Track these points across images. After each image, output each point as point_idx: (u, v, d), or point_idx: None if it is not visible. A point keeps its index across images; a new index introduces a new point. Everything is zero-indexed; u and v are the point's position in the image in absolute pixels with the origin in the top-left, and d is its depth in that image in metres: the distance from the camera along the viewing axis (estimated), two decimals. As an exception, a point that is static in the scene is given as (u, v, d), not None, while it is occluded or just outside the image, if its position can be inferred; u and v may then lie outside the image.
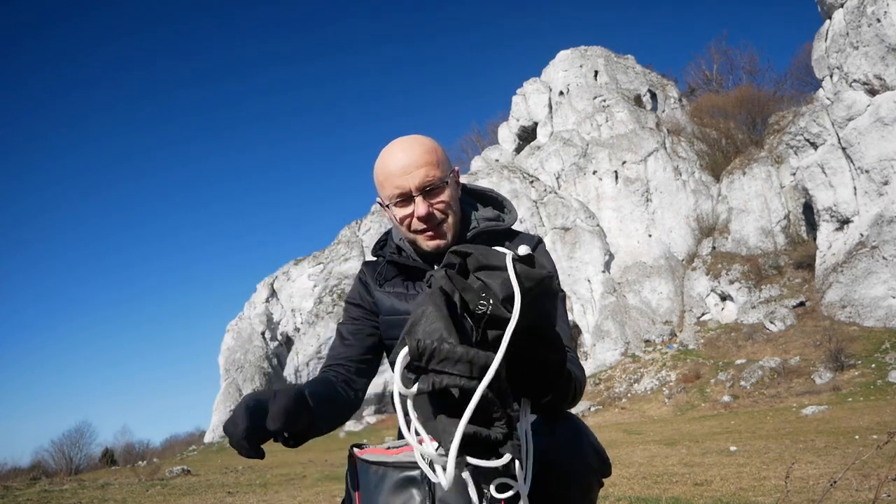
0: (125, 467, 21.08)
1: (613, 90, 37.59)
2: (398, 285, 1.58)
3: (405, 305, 1.54)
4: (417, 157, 1.43)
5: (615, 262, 32.34)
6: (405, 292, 1.56)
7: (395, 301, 1.56)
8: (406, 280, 1.58)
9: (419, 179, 1.42)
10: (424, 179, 1.42)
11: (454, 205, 1.49)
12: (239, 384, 37.97)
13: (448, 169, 1.48)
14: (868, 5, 23.31)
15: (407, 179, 1.42)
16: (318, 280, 40.19)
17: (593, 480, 1.26)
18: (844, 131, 24.27)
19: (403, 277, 1.58)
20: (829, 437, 9.44)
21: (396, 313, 1.55)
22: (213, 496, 7.80)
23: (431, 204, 1.45)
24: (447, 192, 1.46)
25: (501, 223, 1.57)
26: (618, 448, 11.21)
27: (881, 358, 19.80)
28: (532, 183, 34.61)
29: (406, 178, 1.42)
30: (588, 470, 1.24)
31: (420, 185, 1.42)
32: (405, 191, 1.43)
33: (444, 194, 1.46)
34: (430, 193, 1.44)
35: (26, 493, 9.20)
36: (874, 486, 4.52)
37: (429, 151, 1.44)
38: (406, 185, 1.43)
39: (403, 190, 1.43)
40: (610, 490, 5.65)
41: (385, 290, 1.58)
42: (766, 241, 30.33)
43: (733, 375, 22.76)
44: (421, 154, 1.43)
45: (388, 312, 1.56)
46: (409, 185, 1.42)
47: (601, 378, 27.05)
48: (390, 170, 1.44)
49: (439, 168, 1.44)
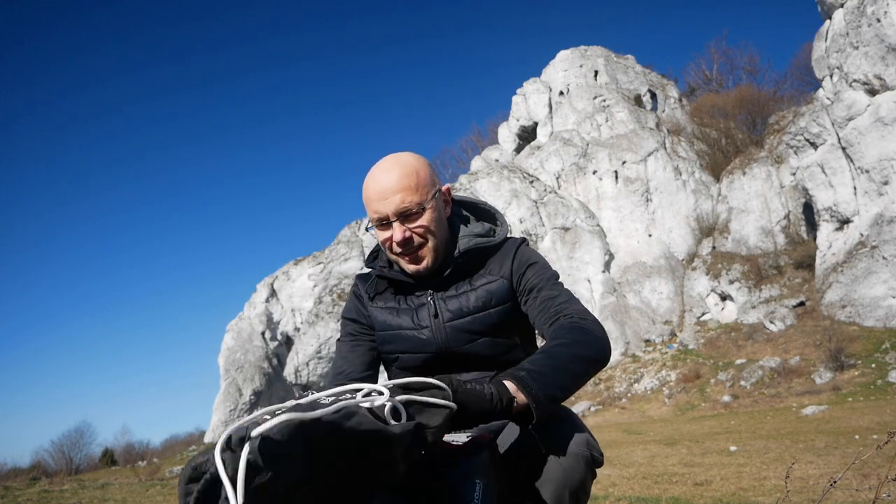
0: (125, 467, 21.08)
1: (613, 90, 37.59)
2: (390, 299, 1.59)
3: (397, 320, 1.55)
4: (395, 183, 1.43)
5: (615, 262, 32.34)
6: (397, 306, 1.57)
7: (387, 316, 1.57)
8: (397, 294, 1.59)
9: (394, 206, 1.43)
10: (400, 206, 1.43)
11: (436, 227, 1.48)
12: (239, 384, 37.96)
13: (429, 191, 1.47)
14: (868, 5, 23.31)
15: (384, 205, 1.44)
16: (318, 280, 40.19)
17: (586, 472, 1.27)
18: (844, 131, 24.27)
19: (395, 291, 1.59)
20: (829, 437, 9.43)
21: (389, 328, 1.57)
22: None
23: (409, 228, 1.45)
24: (426, 216, 1.46)
25: (492, 238, 1.56)
26: (618, 448, 11.21)
27: (881, 358, 19.80)
28: (532, 183, 34.61)
29: (383, 204, 1.44)
30: (581, 461, 1.26)
31: (396, 211, 1.43)
32: (382, 216, 1.45)
33: (423, 219, 1.45)
34: (408, 218, 1.45)
35: (26, 493, 9.20)
36: (874, 486, 4.52)
37: (408, 175, 1.44)
38: (383, 211, 1.44)
39: (381, 215, 1.45)
40: (610, 490, 5.65)
41: (377, 304, 1.60)
42: (766, 241, 30.33)
43: (733, 375, 22.76)
44: (399, 178, 1.43)
45: (381, 328, 1.58)
46: (385, 211, 1.44)
47: (601, 378, 27.05)
48: (369, 194, 1.46)
49: (418, 192, 1.44)
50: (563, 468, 1.24)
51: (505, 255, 1.54)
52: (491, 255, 1.55)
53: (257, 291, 42.39)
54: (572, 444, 1.26)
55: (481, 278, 1.52)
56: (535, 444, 1.27)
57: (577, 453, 1.25)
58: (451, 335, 1.49)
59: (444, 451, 1.16)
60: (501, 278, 1.51)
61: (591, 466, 1.28)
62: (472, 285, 1.52)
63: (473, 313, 1.49)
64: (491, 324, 1.49)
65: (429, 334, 1.51)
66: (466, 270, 1.53)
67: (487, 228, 1.60)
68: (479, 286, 1.51)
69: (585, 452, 1.26)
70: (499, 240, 1.57)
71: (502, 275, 1.51)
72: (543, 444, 1.26)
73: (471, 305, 1.49)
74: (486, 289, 1.50)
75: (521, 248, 1.57)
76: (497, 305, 1.49)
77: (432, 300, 1.52)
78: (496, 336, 1.50)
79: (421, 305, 1.53)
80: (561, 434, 1.27)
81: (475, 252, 1.53)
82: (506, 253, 1.55)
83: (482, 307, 1.49)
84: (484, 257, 1.55)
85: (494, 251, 1.56)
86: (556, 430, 1.28)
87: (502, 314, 1.49)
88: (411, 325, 1.53)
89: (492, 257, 1.55)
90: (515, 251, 1.55)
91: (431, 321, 1.51)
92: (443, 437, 1.02)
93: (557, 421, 1.30)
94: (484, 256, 1.55)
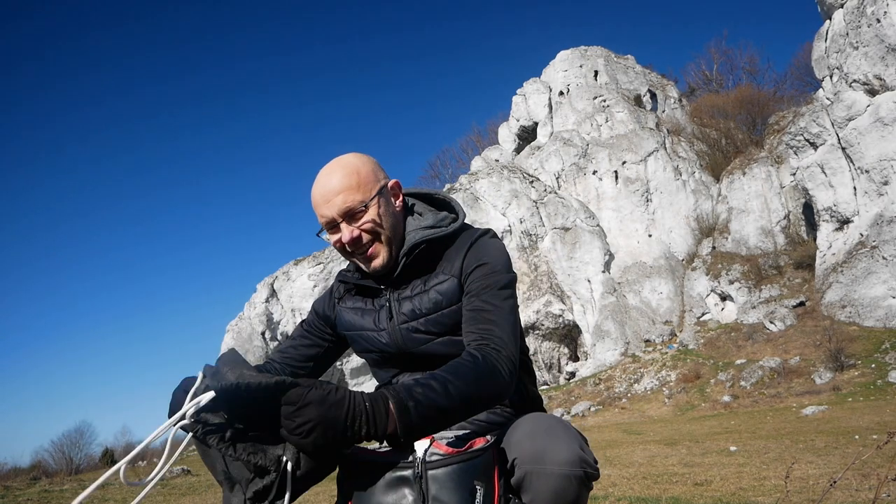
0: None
1: (613, 90, 37.60)
2: (357, 300, 1.60)
3: (361, 321, 1.57)
4: (336, 185, 1.44)
5: (615, 262, 32.34)
6: (363, 307, 1.58)
7: (353, 316, 1.59)
8: (363, 296, 1.60)
9: (338, 207, 1.43)
10: (343, 206, 1.43)
11: (384, 221, 1.47)
12: (239, 384, 37.96)
13: (372, 188, 1.46)
14: (868, 5, 23.31)
15: (328, 208, 1.44)
16: (318, 280, 40.20)
17: (579, 485, 1.24)
18: (844, 131, 24.27)
19: (360, 293, 1.61)
20: (829, 437, 9.44)
21: (353, 328, 1.59)
22: (214, 496, 7.80)
23: (357, 227, 1.45)
24: (371, 212, 1.45)
25: (441, 229, 1.52)
26: (618, 448, 11.21)
27: (881, 358, 19.81)
28: (532, 183, 34.61)
29: (327, 207, 1.44)
30: (573, 474, 1.22)
31: (340, 212, 1.44)
32: (329, 220, 1.46)
33: (368, 215, 1.45)
34: (353, 218, 1.45)
35: (26, 492, 9.20)
36: (874, 486, 4.53)
37: (348, 175, 1.44)
38: (329, 214, 1.45)
39: (328, 219, 1.46)
40: (610, 490, 5.66)
41: (345, 304, 1.62)
42: (766, 241, 30.33)
43: (733, 375, 22.76)
44: (339, 180, 1.44)
45: (347, 328, 1.61)
46: (331, 214, 1.45)
47: (601, 378, 27.05)
48: (315, 199, 1.47)
49: (360, 190, 1.44)
50: (554, 490, 1.21)
51: (458, 250, 1.50)
52: (445, 248, 1.52)
53: (257, 291, 42.40)
54: (564, 464, 1.21)
55: (434, 277, 1.49)
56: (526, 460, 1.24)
57: (569, 474, 1.21)
58: (406, 336, 1.49)
59: (444, 453, 1.15)
60: (452, 277, 1.47)
61: (584, 484, 1.24)
62: (425, 286, 1.49)
63: (426, 315, 1.47)
64: (445, 324, 1.46)
65: (387, 336, 1.51)
66: (419, 268, 1.51)
67: (440, 218, 1.56)
68: (430, 287, 1.48)
69: (578, 471, 1.22)
70: (450, 231, 1.52)
71: (453, 273, 1.47)
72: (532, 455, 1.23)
73: (423, 308, 1.47)
74: (437, 290, 1.47)
75: (477, 243, 1.51)
76: (449, 306, 1.46)
77: (388, 302, 1.53)
78: (453, 334, 1.47)
79: (382, 307, 1.54)
80: (553, 452, 1.22)
81: (424, 246, 1.50)
82: (459, 248, 1.50)
83: (434, 308, 1.46)
84: (436, 251, 1.51)
85: (448, 244, 1.52)
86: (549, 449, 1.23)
87: (455, 314, 1.46)
88: (372, 326, 1.54)
89: (446, 251, 1.51)
90: (469, 247, 1.49)
91: (387, 323, 1.51)
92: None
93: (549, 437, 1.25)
94: (436, 250, 1.51)
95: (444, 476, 1.13)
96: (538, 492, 1.22)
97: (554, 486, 1.21)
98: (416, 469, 1.12)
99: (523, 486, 1.24)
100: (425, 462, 1.13)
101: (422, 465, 1.12)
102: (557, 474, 1.21)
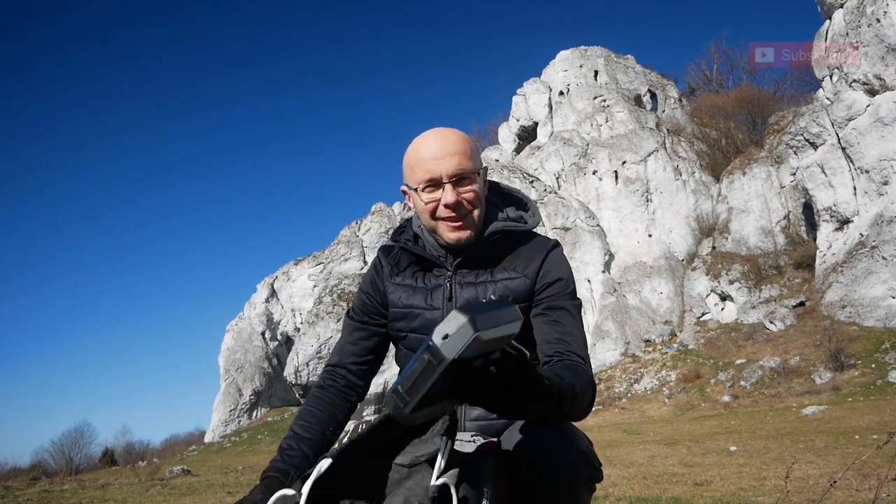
0: (125, 467, 21.06)
1: (613, 90, 37.59)
2: (408, 277, 1.56)
3: (410, 299, 1.52)
4: (451, 146, 1.43)
5: (615, 262, 32.34)
6: (414, 284, 1.53)
7: (402, 293, 1.54)
8: (417, 271, 1.55)
9: (451, 167, 1.41)
10: (457, 168, 1.42)
11: (482, 197, 1.48)
12: (239, 384, 37.96)
13: (479, 163, 1.48)
14: (868, 5, 23.31)
15: (439, 164, 1.42)
16: (318, 280, 40.18)
17: (582, 486, 1.24)
18: (844, 131, 24.28)
19: (416, 268, 1.56)
20: (829, 437, 9.44)
21: (401, 306, 1.54)
22: (213, 496, 7.80)
23: (460, 193, 1.43)
24: (478, 184, 1.45)
25: (522, 224, 1.54)
26: (618, 448, 11.21)
27: (881, 358, 19.81)
28: (532, 183, 34.61)
29: (438, 164, 1.42)
30: (576, 476, 1.22)
31: (451, 172, 1.42)
32: (436, 176, 1.42)
33: (475, 185, 1.45)
34: (460, 182, 1.43)
35: (26, 492, 9.20)
36: (874, 486, 4.53)
37: (463, 141, 1.45)
38: (437, 171, 1.42)
39: (434, 175, 1.42)
40: (610, 490, 5.66)
41: (395, 280, 1.57)
42: (766, 241, 30.33)
43: (733, 375, 22.76)
44: (455, 142, 1.43)
45: (394, 304, 1.55)
46: (440, 171, 1.42)
47: (601, 378, 27.05)
48: (423, 155, 1.44)
49: (471, 160, 1.44)
50: (558, 491, 1.21)
51: (533, 253, 1.50)
52: (518, 245, 1.51)
53: (257, 291, 42.40)
54: (569, 464, 1.21)
55: (504, 271, 1.48)
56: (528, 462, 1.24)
57: (574, 475, 1.21)
58: None
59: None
60: (524, 277, 1.46)
61: (589, 485, 1.25)
62: (492, 276, 1.48)
63: None
64: None
65: (439, 316, 1.46)
66: (491, 257, 1.50)
67: (518, 215, 1.57)
68: (499, 279, 1.47)
69: (583, 472, 1.22)
70: (529, 227, 1.54)
71: (526, 274, 1.47)
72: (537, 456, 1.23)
73: (487, 297, 1.46)
74: (505, 284, 1.46)
75: (553, 252, 1.51)
76: (514, 301, 1.43)
77: (449, 283, 1.49)
78: None
79: (437, 287, 1.50)
80: (555, 454, 1.22)
81: (503, 236, 1.50)
82: (535, 251, 1.50)
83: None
84: (510, 246, 1.51)
85: (523, 241, 1.53)
86: (551, 442, 1.23)
87: None
88: (423, 305, 1.50)
89: (518, 249, 1.51)
90: (547, 254, 1.50)
91: (444, 303, 1.48)
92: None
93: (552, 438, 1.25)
94: (511, 245, 1.51)
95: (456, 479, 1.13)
96: (542, 492, 1.22)
97: (558, 487, 1.21)
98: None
99: (528, 486, 1.24)
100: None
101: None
102: (562, 474, 1.21)
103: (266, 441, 30.50)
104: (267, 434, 32.01)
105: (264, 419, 36.42)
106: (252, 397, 37.80)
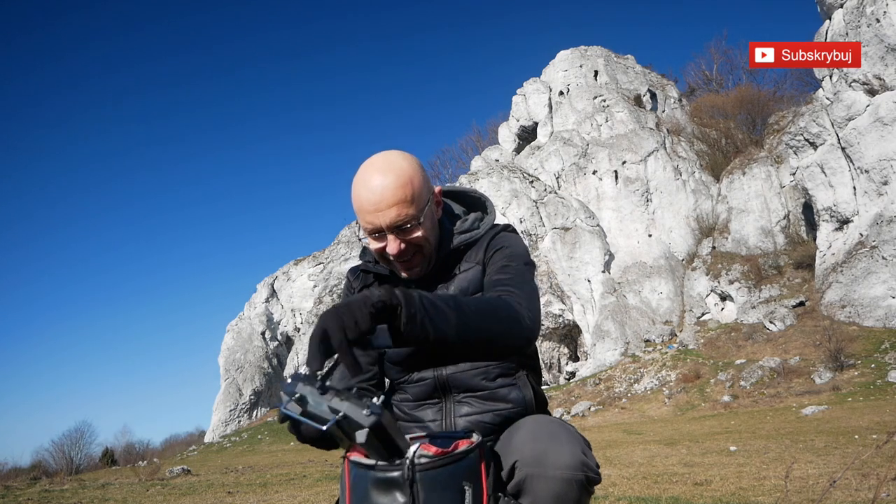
0: (125, 467, 21.06)
1: (613, 90, 37.60)
2: None
3: None
4: (389, 196, 1.35)
5: (615, 262, 32.35)
6: None
7: None
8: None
9: (391, 218, 1.37)
10: (395, 219, 1.37)
11: (432, 235, 1.45)
12: (239, 384, 37.98)
13: (424, 200, 1.41)
14: (868, 5, 23.32)
15: (378, 217, 1.37)
16: (318, 280, 40.21)
17: (579, 490, 1.23)
18: (844, 131, 24.29)
19: (381, 284, 1.55)
20: (828, 437, 9.45)
21: None
22: (213, 496, 7.80)
23: (404, 239, 1.41)
24: (421, 228, 1.41)
25: (476, 231, 1.53)
26: (617, 448, 11.22)
27: (881, 358, 19.82)
28: (532, 183, 34.62)
29: (377, 216, 1.37)
30: (573, 479, 1.21)
31: (391, 224, 1.38)
32: (377, 227, 1.39)
33: (418, 231, 1.41)
34: (402, 231, 1.40)
35: (27, 492, 9.20)
36: (874, 486, 4.53)
37: (403, 186, 1.36)
38: (378, 223, 1.38)
39: (375, 226, 1.39)
40: (610, 490, 5.66)
41: None
42: (766, 241, 30.34)
43: (733, 375, 22.77)
44: (394, 190, 1.36)
45: None
46: (380, 223, 1.38)
47: (601, 378, 27.06)
48: (362, 204, 1.39)
49: (413, 205, 1.38)
50: (555, 494, 1.20)
51: (482, 241, 1.51)
52: (472, 244, 1.53)
53: (257, 291, 42.42)
54: (565, 468, 1.20)
55: (458, 268, 1.50)
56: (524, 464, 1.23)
57: (571, 477, 1.20)
58: None
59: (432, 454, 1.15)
60: (476, 265, 1.48)
61: (585, 488, 1.23)
62: (450, 275, 1.50)
63: None
64: None
65: None
66: (451, 265, 1.51)
67: (473, 220, 1.56)
68: (456, 276, 1.48)
69: (580, 475, 1.21)
70: (483, 231, 1.53)
71: (477, 261, 1.48)
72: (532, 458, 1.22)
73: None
74: (462, 277, 1.47)
75: (500, 234, 1.52)
76: (475, 293, 1.45)
77: None
78: None
79: None
80: (553, 456, 1.21)
81: (463, 248, 1.51)
82: (484, 240, 1.52)
83: (460, 295, 1.46)
84: (468, 249, 1.52)
85: (481, 238, 1.54)
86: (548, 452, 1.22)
87: None
88: None
89: (475, 245, 1.52)
90: (492, 238, 1.51)
91: None
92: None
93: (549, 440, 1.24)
94: (468, 248, 1.52)
95: (433, 477, 1.12)
96: (539, 495, 1.21)
97: (555, 490, 1.20)
98: (405, 471, 1.12)
99: (524, 488, 1.23)
100: (414, 464, 1.13)
101: (411, 468, 1.12)
102: (559, 478, 1.20)
103: (266, 441, 30.48)
104: (267, 434, 31.99)
105: (264, 419, 36.43)
106: (252, 397, 37.83)
